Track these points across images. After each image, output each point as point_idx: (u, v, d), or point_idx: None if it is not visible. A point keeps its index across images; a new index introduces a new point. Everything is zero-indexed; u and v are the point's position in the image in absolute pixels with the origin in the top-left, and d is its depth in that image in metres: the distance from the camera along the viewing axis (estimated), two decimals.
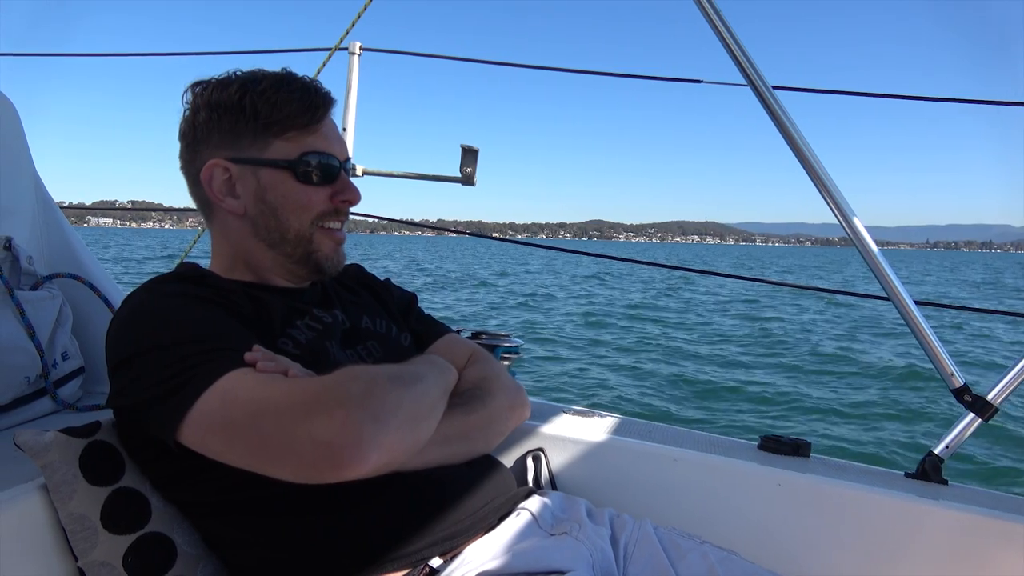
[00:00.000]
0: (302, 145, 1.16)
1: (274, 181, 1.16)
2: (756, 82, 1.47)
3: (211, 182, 1.18)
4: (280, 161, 1.15)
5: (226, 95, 1.16)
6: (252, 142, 1.15)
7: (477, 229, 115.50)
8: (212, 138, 1.17)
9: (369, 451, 0.87)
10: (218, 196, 1.18)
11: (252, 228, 1.19)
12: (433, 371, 1.12)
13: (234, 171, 1.17)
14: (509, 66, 2.43)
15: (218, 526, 1.11)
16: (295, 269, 1.23)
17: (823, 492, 1.36)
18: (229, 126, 1.16)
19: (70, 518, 1.04)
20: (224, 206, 1.19)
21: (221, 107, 1.16)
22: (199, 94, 1.19)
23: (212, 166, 1.17)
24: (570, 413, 1.64)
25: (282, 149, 1.16)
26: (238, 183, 1.17)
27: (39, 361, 1.42)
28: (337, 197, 1.20)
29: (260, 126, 1.15)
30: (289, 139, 1.16)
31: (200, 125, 1.18)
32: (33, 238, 1.65)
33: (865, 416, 7.79)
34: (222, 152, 1.17)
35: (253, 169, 1.16)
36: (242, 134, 1.16)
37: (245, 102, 1.14)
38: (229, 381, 0.94)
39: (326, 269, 1.23)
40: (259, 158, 1.16)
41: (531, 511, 1.14)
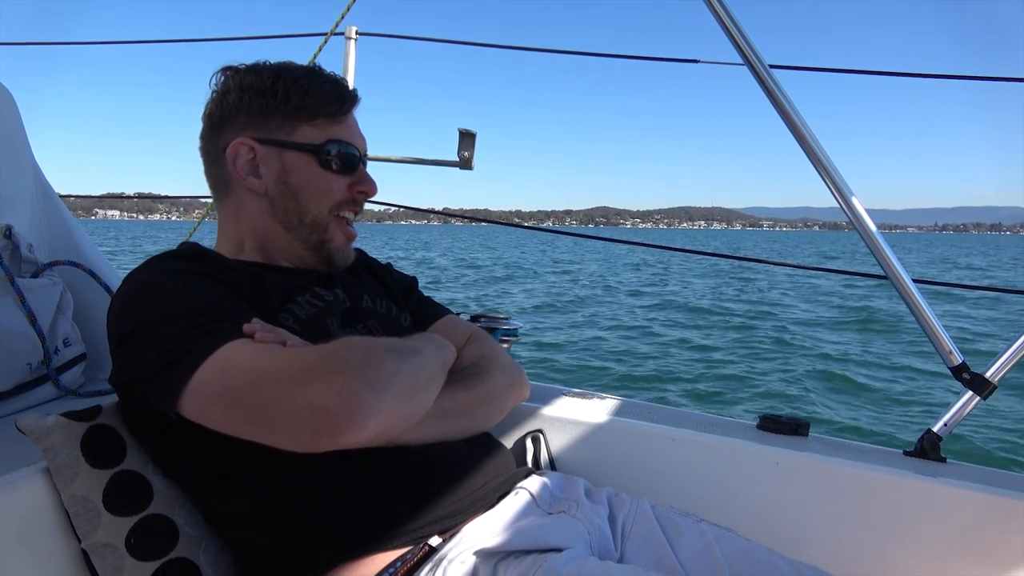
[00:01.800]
0: (328, 133, 1.21)
1: (298, 164, 1.20)
2: (753, 61, 1.47)
3: (236, 159, 1.21)
4: (306, 145, 1.20)
5: (259, 79, 1.21)
6: (280, 124, 1.20)
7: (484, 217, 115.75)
8: (240, 118, 1.21)
9: (366, 418, 0.88)
10: (241, 174, 1.21)
11: (271, 208, 1.22)
12: (431, 346, 1.13)
13: (259, 151, 1.20)
14: (506, 48, 2.42)
15: (219, 504, 1.12)
16: (306, 256, 1.25)
17: (821, 470, 1.36)
18: (259, 108, 1.20)
19: (73, 500, 1.05)
20: (246, 184, 1.22)
21: (253, 89, 1.20)
22: (230, 76, 1.23)
23: (238, 144, 1.20)
24: (569, 395, 1.65)
25: (309, 134, 1.20)
26: (262, 163, 1.21)
27: (41, 348, 1.43)
28: (355, 187, 1.25)
29: (290, 109, 1.19)
30: (316, 125, 1.21)
31: (230, 105, 1.22)
32: (33, 226, 1.66)
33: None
34: (249, 132, 1.20)
35: (279, 151, 1.20)
36: (271, 116, 1.20)
37: (278, 86, 1.19)
38: (228, 351, 0.95)
39: (336, 261, 1.27)
40: (286, 140, 1.20)
41: (529, 490, 1.15)
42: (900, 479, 1.32)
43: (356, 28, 2.24)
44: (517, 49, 2.33)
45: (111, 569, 1.05)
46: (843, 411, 7.18)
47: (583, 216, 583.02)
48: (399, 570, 1.01)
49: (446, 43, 2.27)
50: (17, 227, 1.57)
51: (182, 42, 2.75)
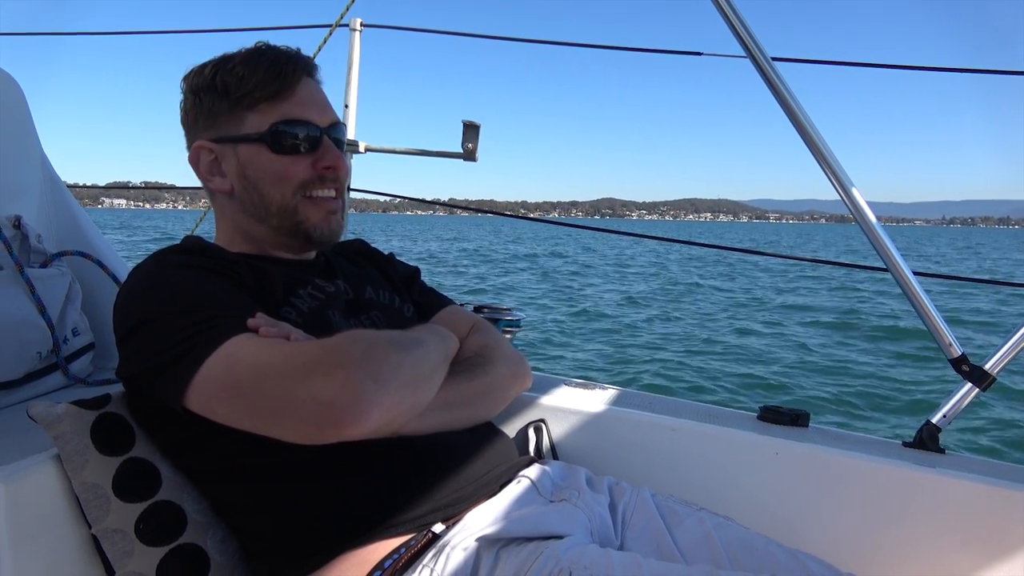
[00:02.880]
0: (275, 115, 1.16)
1: (250, 156, 1.18)
2: (755, 53, 1.47)
3: (199, 164, 1.22)
4: (252, 134, 1.17)
5: (202, 78, 1.19)
6: (228, 119, 1.18)
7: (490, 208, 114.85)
8: (199, 122, 1.21)
9: (369, 410, 0.89)
10: (206, 176, 1.22)
11: (241, 205, 1.22)
12: (434, 337, 1.15)
13: (217, 151, 1.20)
14: (510, 40, 2.43)
15: (225, 493, 1.14)
16: (287, 241, 1.25)
17: (820, 460, 1.38)
18: (208, 107, 1.19)
19: (83, 487, 1.07)
20: (213, 186, 1.23)
21: (200, 90, 1.19)
22: (186, 80, 1.22)
23: (197, 148, 1.21)
24: (571, 385, 1.67)
25: (255, 122, 1.17)
26: (223, 162, 1.20)
27: (50, 337, 1.45)
28: (319, 164, 1.19)
29: (232, 101, 1.17)
30: (260, 111, 1.16)
31: (188, 111, 1.22)
32: (41, 216, 1.68)
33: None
34: (206, 134, 1.20)
35: (232, 146, 1.19)
36: (219, 112, 1.18)
37: (217, 80, 1.17)
38: (232, 346, 0.96)
39: (315, 238, 1.23)
40: (235, 134, 1.18)
41: (531, 479, 1.17)
42: (899, 470, 1.33)
43: (361, 20, 2.25)
44: (521, 41, 2.34)
45: (121, 554, 1.07)
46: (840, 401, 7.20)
47: (589, 207, 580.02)
48: (403, 556, 1.03)
49: (450, 35, 2.27)
50: (26, 217, 1.58)
51: (186, 33, 2.76)
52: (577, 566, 0.94)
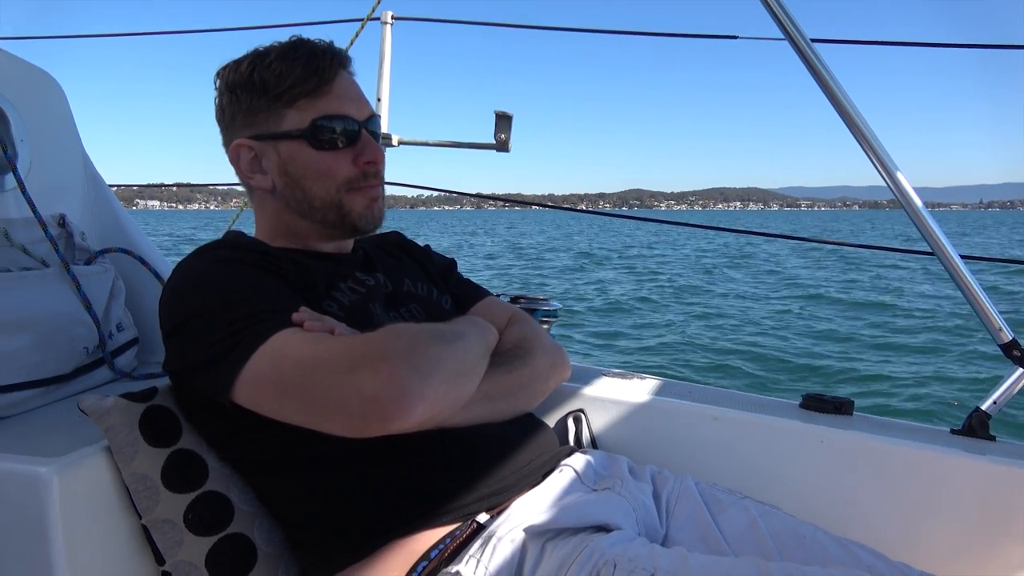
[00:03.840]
0: (314, 111, 1.16)
1: (292, 152, 1.18)
2: (794, 35, 1.44)
3: (239, 162, 1.22)
4: (293, 131, 1.17)
5: (239, 74, 1.19)
6: (267, 117, 1.18)
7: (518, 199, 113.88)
8: (236, 119, 1.21)
9: (414, 404, 0.90)
10: (247, 174, 1.23)
11: (283, 201, 1.22)
12: (474, 330, 1.15)
13: (257, 148, 1.20)
14: (541, 29, 2.42)
15: (270, 483, 1.15)
16: (331, 233, 1.25)
17: (867, 448, 1.35)
18: (246, 104, 1.19)
19: (133, 478, 1.08)
20: (254, 183, 1.23)
21: (238, 87, 1.19)
22: (221, 77, 1.22)
23: (237, 146, 1.21)
24: (610, 375, 1.66)
25: (294, 119, 1.17)
26: (263, 159, 1.20)
27: (96, 332, 1.47)
28: (360, 159, 1.19)
29: (271, 98, 1.17)
30: (299, 107, 1.16)
31: (225, 108, 1.22)
32: (84, 214, 1.71)
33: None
34: (245, 131, 1.20)
35: (272, 143, 1.19)
36: (258, 110, 1.18)
37: (255, 77, 1.17)
38: (278, 340, 0.97)
39: (361, 227, 1.24)
40: (275, 131, 1.18)
41: (574, 468, 1.16)
42: (948, 457, 1.31)
43: (392, 13, 2.25)
44: (552, 29, 2.33)
45: (171, 544, 1.09)
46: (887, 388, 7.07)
47: (616, 199, 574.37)
48: (448, 546, 1.03)
49: (479, 25, 2.26)
50: (70, 216, 1.61)
51: (218, 31, 2.79)
52: (622, 559, 0.93)
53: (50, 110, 1.64)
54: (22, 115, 1.53)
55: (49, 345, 1.36)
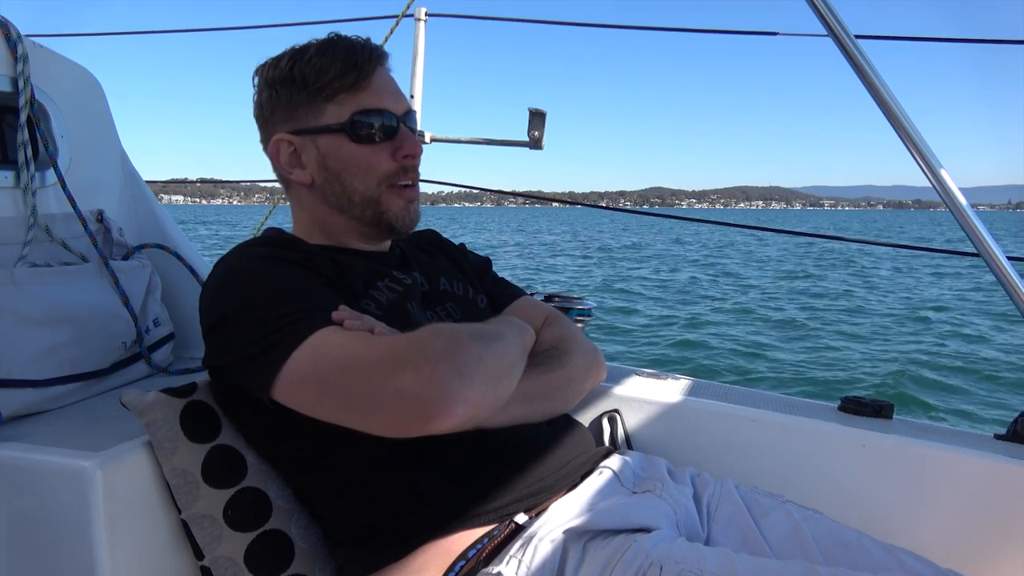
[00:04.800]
0: (354, 105, 1.17)
1: (331, 146, 1.18)
2: (838, 31, 1.42)
3: (279, 156, 1.22)
4: (333, 125, 1.17)
5: (279, 70, 1.19)
6: (307, 111, 1.18)
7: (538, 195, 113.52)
8: (276, 115, 1.21)
9: (455, 404, 0.89)
10: (286, 169, 1.23)
11: (322, 196, 1.22)
12: (512, 330, 1.14)
13: (297, 143, 1.20)
14: (574, 25, 2.40)
15: (308, 481, 1.15)
16: (368, 231, 1.25)
17: (909, 453, 1.33)
18: (286, 100, 1.19)
19: (173, 473, 1.09)
20: (294, 178, 1.23)
21: (277, 82, 1.19)
22: (261, 74, 1.23)
23: (277, 141, 1.21)
24: (643, 375, 1.64)
25: (334, 113, 1.17)
26: (302, 154, 1.21)
27: (134, 327, 1.48)
28: (398, 153, 1.19)
29: (311, 93, 1.17)
30: (339, 102, 1.17)
31: (264, 104, 1.23)
32: (122, 210, 1.72)
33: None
34: (285, 126, 1.20)
35: (312, 138, 1.19)
36: (297, 105, 1.18)
37: (295, 72, 1.17)
38: (319, 338, 0.97)
39: (397, 227, 1.24)
40: (314, 126, 1.18)
41: (613, 469, 1.15)
42: (994, 463, 1.28)
43: (426, 9, 2.24)
44: (584, 25, 2.31)
45: (210, 539, 1.09)
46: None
47: (637, 197, 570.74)
48: (486, 547, 1.02)
49: (511, 21, 2.24)
50: (108, 211, 1.63)
51: (252, 28, 2.80)
52: (668, 560, 0.92)
53: (89, 107, 1.65)
54: (62, 111, 1.54)
55: (88, 340, 1.37)
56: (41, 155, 1.47)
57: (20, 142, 1.41)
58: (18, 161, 1.42)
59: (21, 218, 1.43)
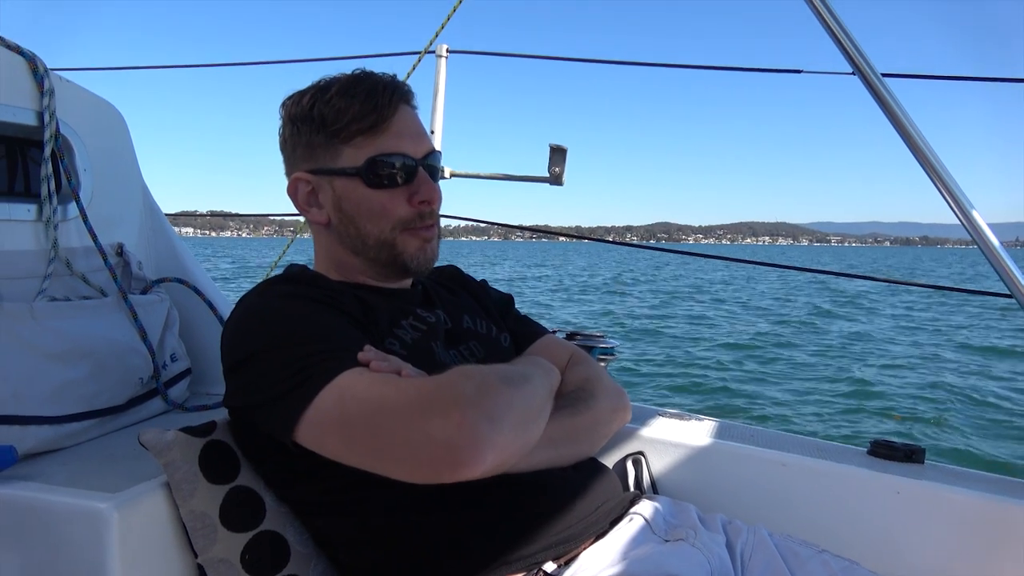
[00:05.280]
0: (371, 149, 1.14)
1: (346, 190, 1.16)
2: (864, 69, 1.41)
3: (296, 195, 1.21)
4: (348, 169, 1.14)
5: (300, 107, 1.17)
6: (325, 152, 1.16)
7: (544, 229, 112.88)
8: (296, 151, 1.20)
9: (485, 451, 0.86)
10: (304, 207, 1.21)
11: (337, 236, 1.21)
12: (539, 372, 1.11)
13: (314, 182, 1.19)
14: (591, 62, 2.40)
15: (329, 526, 1.12)
16: (384, 271, 1.23)
17: (944, 500, 1.29)
18: (306, 139, 1.17)
19: (191, 515, 1.06)
20: (311, 217, 1.22)
21: (299, 120, 1.18)
22: (285, 108, 1.21)
23: (296, 180, 1.20)
24: (666, 416, 1.61)
25: (350, 156, 1.14)
26: (319, 194, 1.19)
27: (151, 363, 1.47)
28: (415, 198, 1.17)
29: (329, 134, 1.15)
30: (356, 145, 1.14)
31: (287, 140, 1.21)
32: (141, 243, 1.72)
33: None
34: (304, 164, 1.19)
35: (329, 179, 1.17)
36: (316, 145, 1.17)
37: (315, 112, 1.15)
38: (345, 380, 0.94)
39: (413, 268, 1.21)
40: (331, 167, 1.16)
41: (644, 516, 1.12)
42: None
43: (447, 46, 2.26)
44: (602, 63, 2.31)
45: None
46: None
47: (644, 232, 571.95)
48: None
49: (528, 58, 2.26)
50: (127, 245, 1.62)
51: (273, 64, 2.83)
52: None
53: (113, 140, 1.66)
54: (86, 145, 1.55)
55: (106, 375, 1.35)
56: (64, 189, 1.47)
57: (44, 176, 1.41)
58: (41, 195, 1.41)
59: (42, 251, 1.43)
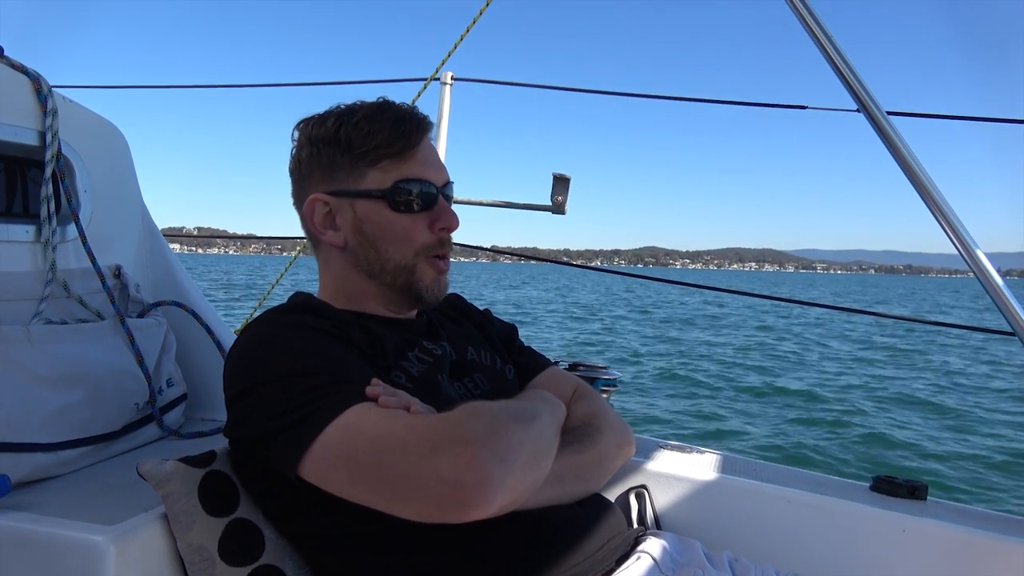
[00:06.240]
0: (396, 173, 1.15)
1: (369, 212, 1.16)
2: (870, 107, 1.42)
3: (313, 216, 1.20)
4: (374, 191, 1.15)
5: (324, 129, 1.17)
6: (348, 174, 1.16)
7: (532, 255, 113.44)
8: (314, 173, 1.19)
9: (496, 491, 0.85)
10: (319, 229, 1.20)
11: (353, 260, 1.20)
12: (547, 408, 1.10)
13: (333, 204, 1.18)
14: (593, 93, 2.43)
15: (330, 561, 1.09)
16: (396, 298, 1.22)
17: (950, 539, 1.28)
18: (328, 160, 1.17)
19: (189, 548, 1.04)
20: (326, 239, 1.20)
21: (321, 141, 1.17)
22: (303, 130, 1.21)
23: (313, 200, 1.19)
24: (668, 448, 1.59)
25: (376, 179, 1.15)
26: (337, 216, 1.18)
27: (147, 388, 1.44)
28: (436, 224, 1.18)
29: (355, 156, 1.15)
30: (383, 168, 1.15)
31: (304, 161, 1.20)
32: (139, 265, 1.70)
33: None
34: (322, 186, 1.18)
35: (350, 201, 1.16)
36: (339, 167, 1.16)
37: (340, 134, 1.15)
38: (352, 415, 0.93)
39: (426, 298, 1.21)
40: (354, 189, 1.16)
41: (651, 554, 1.10)
42: None
43: (452, 73, 2.26)
44: (605, 93, 2.33)
45: None
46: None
47: (631, 256, 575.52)
48: None
49: (532, 87, 2.28)
50: (125, 266, 1.60)
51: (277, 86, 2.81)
52: None
53: (114, 161, 1.64)
54: (87, 165, 1.53)
55: (101, 400, 1.33)
56: (64, 209, 1.45)
57: (44, 196, 1.39)
58: (40, 215, 1.39)
59: (39, 273, 1.40)
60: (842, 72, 1.42)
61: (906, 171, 1.42)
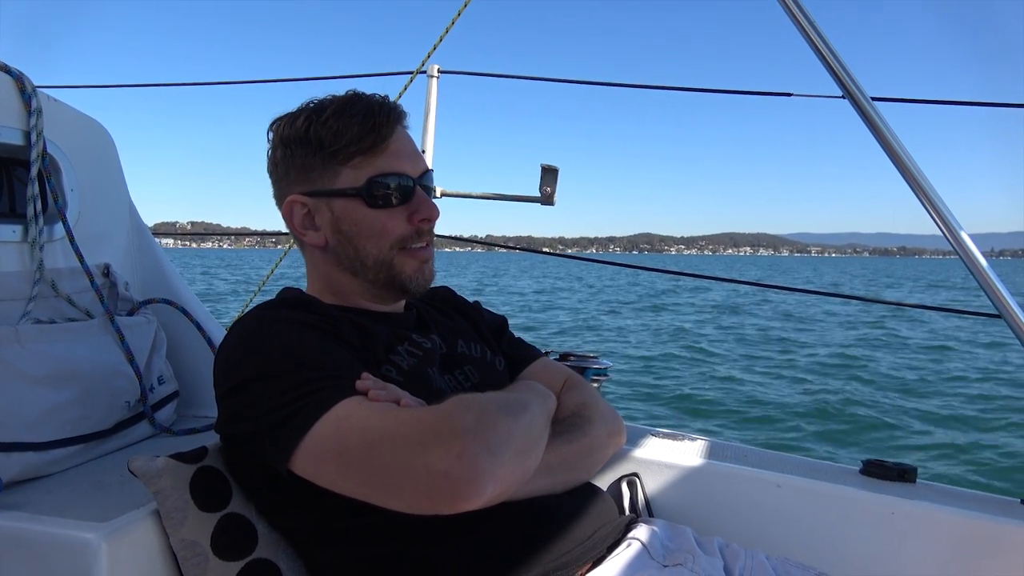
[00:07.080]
0: (370, 169, 1.14)
1: (346, 210, 1.16)
2: (854, 93, 1.42)
3: (292, 217, 1.20)
4: (349, 189, 1.14)
5: (294, 129, 1.16)
6: (322, 174, 1.16)
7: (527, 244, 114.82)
8: (290, 174, 1.19)
9: (486, 483, 0.86)
10: (300, 230, 1.20)
11: (335, 258, 1.20)
12: (537, 399, 1.10)
13: (311, 205, 1.18)
14: (582, 84, 2.42)
15: (322, 554, 1.10)
16: (381, 293, 1.22)
17: (938, 521, 1.29)
18: (301, 161, 1.17)
19: (181, 544, 1.04)
20: (307, 240, 1.20)
21: (292, 142, 1.17)
22: (276, 130, 1.20)
23: (291, 202, 1.19)
24: (659, 436, 1.60)
25: (350, 176, 1.14)
26: (316, 216, 1.18)
27: (138, 386, 1.44)
28: (415, 217, 1.17)
29: (326, 156, 1.14)
30: (356, 165, 1.14)
31: (279, 162, 1.20)
32: (128, 263, 1.69)
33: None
34: (299, 187, 1.18)
35: (326, 200, 1.16)
36: (312, 167, 1.16)
37: (311, 134, 1.14)
38: (343, 409, 0.93)
39: (411, 288, 1.21)
40: (329, 189, 1.15)
41: (641, 540, 1.11)
42: None
43: (438, 66, 2.26)
44: (594, 84, 2.33)
45: None
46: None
47: (626, 243, 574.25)
48: None
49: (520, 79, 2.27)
50: (114, 265, 1.60)
51: (265, 83, 2.81)
52: None
53: (100, 159, 1.64)
54: (73, 164, 1.53)
55: (92, 399, 1.33)
56: (50, 209, 1.45)
57: (30, 196, 1.39)
58: (27, 215, 1.39)
59: (27, 273, 1.40)
60: (826, 59, 1.42)
61: (891, 155, 1.43)
